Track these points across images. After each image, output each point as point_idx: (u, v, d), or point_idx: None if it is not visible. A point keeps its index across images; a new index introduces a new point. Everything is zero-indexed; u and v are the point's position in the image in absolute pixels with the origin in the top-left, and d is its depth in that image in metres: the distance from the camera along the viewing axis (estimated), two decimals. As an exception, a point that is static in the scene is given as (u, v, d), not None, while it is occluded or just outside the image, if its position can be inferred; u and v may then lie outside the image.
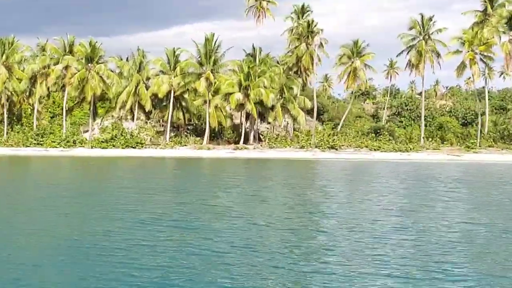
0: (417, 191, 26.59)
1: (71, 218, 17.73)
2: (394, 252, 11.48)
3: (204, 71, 59.25)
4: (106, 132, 63.00)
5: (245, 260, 10.64)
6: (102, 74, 60.71)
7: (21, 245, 12.54)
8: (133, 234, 13.69)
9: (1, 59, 60.41)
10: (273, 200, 22.96)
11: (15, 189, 26.95)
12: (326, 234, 14.56)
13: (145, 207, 19.37)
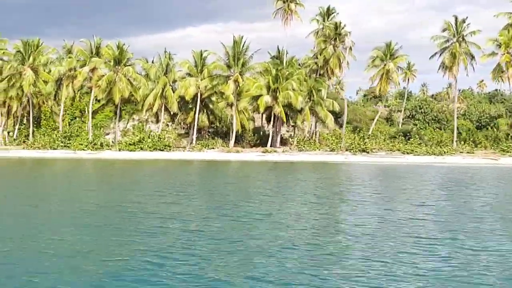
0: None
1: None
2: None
3: (232, 74, 58.97)
4: (132, 135, 63.06)
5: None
6: (129, 76, 60.63)
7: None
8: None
9: (27, 61, 60.45)
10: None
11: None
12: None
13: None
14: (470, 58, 57.72)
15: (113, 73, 59.97)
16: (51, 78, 62.15)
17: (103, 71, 62.05)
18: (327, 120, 60.46)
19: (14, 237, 15.04)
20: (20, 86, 60.22)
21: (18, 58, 60.93)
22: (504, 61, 54.43)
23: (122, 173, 41.51)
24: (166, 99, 60.69)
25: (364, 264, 11.59)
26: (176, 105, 61.07)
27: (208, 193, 27.38)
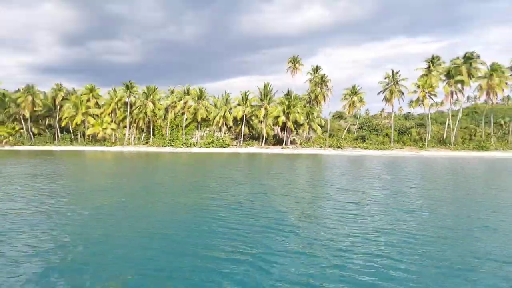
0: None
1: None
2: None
3: (263, 104, 61.79)
4: (206, 138, 66.26)
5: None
6: (206, 106, 64.07)
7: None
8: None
9: (149, 97, 64.27)
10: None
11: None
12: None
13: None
14: (401, 94, 58.72)
15: (197, 104, 63.59)
16: (162, 107, 65.94)
17: (190, 103, 65.65)
18: (317, 130, 62.61)
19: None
20: (145, 111, 64.10)
21: (144, 96, 64.68)
22: (422, 96, 55.58)
23: (209, 158, 41.76)
24: (226, 119, 63.81)
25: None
26: (231, 122, 64.20)
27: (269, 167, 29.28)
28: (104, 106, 65.92)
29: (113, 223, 9.84)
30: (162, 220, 10.20)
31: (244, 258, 6.96)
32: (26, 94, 62.14)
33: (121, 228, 9.36)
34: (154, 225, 9.63)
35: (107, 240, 8.22)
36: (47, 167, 26.79)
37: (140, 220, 10.16)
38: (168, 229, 9.16)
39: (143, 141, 67.51)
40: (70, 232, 8.92)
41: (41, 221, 9.96)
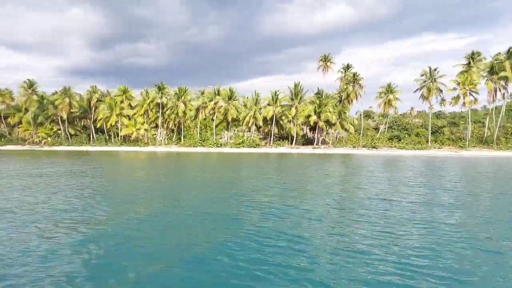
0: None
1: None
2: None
3: (294, 104, 61.59)
4: (235, 138, 66.82)
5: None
6: (236, 106, 64.59)
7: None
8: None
9: (181, 98, 65.53)
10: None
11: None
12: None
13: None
14: (439, 91, 56.89)
15: (227, 105, 64.23)
16: (193, 107, 67.08)
17: (221, 104, 66.41)
18: (350, 129, 61.81)
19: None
20: (176, 112, 65.47)
21: (175, 97, 66.02)
22: (462, 93, 53.64)
23: (242, 158, 41.79)
24: (255, 119, 64.08)
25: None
26: (261, 121, 64.42)
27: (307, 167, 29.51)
28: (136, 107, 67.76)
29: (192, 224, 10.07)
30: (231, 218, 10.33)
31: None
32: (64, 96, 64.84)
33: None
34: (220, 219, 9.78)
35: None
36: (98, 165, 27.86)
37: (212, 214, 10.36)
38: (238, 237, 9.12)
39: (174, 141, 68.93)
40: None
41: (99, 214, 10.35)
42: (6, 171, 23.03)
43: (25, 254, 7.03)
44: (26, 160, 34.71)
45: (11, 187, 15.97)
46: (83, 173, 21.91)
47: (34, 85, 64.82)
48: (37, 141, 65.63)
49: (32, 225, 9.17)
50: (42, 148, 63.42)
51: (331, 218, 10.18)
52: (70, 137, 67.69)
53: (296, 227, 9.11)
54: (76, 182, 17.83)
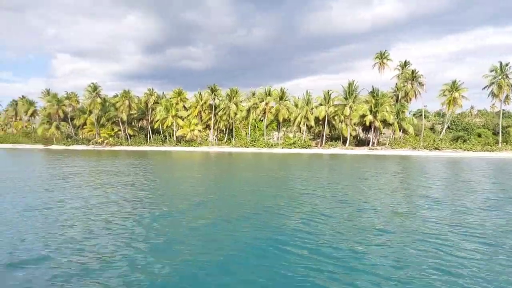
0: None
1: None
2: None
3: (348, 103, 60.28)
4: (286, 139, 66.90)
5: None
6: (287, 107, 64.65)
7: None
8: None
9: (232, 99, 66.96)
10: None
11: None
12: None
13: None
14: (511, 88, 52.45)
15: (278, 105, 64.53)
16: (244, 108, 68.28)
17: (272, 104, 66.86)
18: (409, 129, 59.23)
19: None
20: (228, 113, 67.01)
21: (227, 98, 67.53)
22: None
23: (296, 158, 41.69)
24: (307, 119, 63.66)
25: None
26: (313, 122, 63.85)
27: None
28: (190, 109, 70.36)
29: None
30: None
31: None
32: (124, 98, 69.19)
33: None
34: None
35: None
36: (165, 165, 29.43)
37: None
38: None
39: (225, 141, 70.64)
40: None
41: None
42: (93, 169, 25.15)
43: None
44: (99, 159, 37.61)
45: (104, 183, 17.44)
46: (160, 171, 23.25)
47: (97, 89, 69.90)
48: (100, 141, 70.66)
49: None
50: (104, 148, 68.22)
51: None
52: (129, 138, 72.08)
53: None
54: (155, 178, 19.04)
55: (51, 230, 9.14)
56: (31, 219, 10.13)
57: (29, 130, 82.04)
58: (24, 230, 9.04)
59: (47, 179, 19.31)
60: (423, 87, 60.87)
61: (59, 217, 10.53)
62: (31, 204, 12.32)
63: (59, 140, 73.82)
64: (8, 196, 13.89)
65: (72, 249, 7.67)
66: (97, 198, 13.63)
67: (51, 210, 11.42)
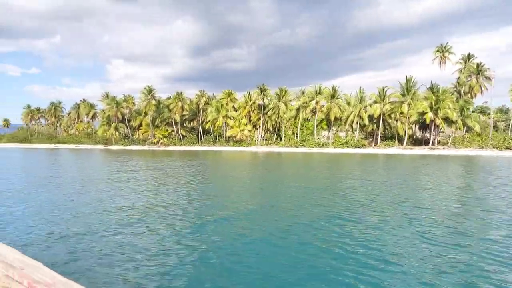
0: None
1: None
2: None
3: (406, 100, 57.59)
4: (334, 138, 65.45)
5: None
6: (339, 105, 63.22)
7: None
8: None
9: (282, 99, 66.86)
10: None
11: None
12: None
13: None
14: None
15: (330, 103, 63.34)
16: (293, 108, 67.86)
17: (322, 103, 65.79)
18: (476, 127, 55.20)
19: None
20: (277, 113, 67.06)
21: (277, 98, 67.53)
22: None
23: (352, 158, 41.19)
24: (360, 117, 61.74)
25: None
26: (367, 120, 61.76)
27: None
28: (239, 109, 71.44)
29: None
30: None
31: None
32: (177, 100, 72.02)
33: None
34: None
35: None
36: (223, 164, 30.09)
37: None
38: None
39: (273, 141, 70.75)
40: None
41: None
42: (165, 166, 26.42)
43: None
44: (160, 159, 39.50)
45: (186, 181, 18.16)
46: (226, 170, 23.77)
47: (152, 91, 73.51)
48: (155, 142, 74.23)
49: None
50: (159, 148, 71.53)
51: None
52: (182, 138, 74.93)
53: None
54: (221, 175, 19.42)
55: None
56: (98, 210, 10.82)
57: (90, 131, 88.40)
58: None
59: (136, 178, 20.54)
60: (491, 81, 56.42)
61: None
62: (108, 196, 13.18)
63: (117, 140, 78.73)
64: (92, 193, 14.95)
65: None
66: (175, 194, 14.22)
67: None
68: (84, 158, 45.04)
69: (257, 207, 11.99)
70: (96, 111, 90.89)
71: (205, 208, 11.52)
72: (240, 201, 13.22)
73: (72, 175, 22.27)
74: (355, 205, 12.58)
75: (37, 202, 12.91)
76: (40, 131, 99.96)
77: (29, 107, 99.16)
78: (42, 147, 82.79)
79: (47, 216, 10.88)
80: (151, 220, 10.54)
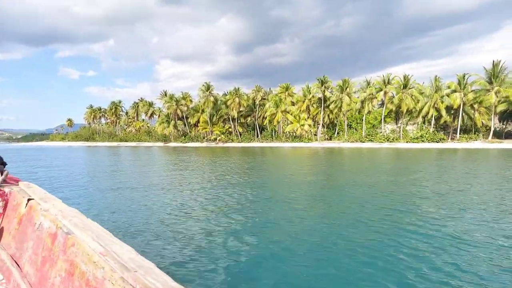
0: None
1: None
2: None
3: (493, 87, 51.57)
4: (408, 132, 61.01)
5: None
6: (413, 95, 58.50)
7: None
8: None
9: (345, 91, 63.66)
10: None
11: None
12: None
13: None
14: None
15: (401, 94, 58.90)
16: (358, 100, 64.18)
17: (391, 93, 61.54)
18: None
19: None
20: (340, 106, 64.02)
21: (339, 90, 64.22)
22: None
23: (443, 155, 37.09)
24: (437, 108, 56.69)
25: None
26: (444, 112, 56.52)
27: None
28: (297, 103, 69.32)
29: None
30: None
31: None
32: (234, 96, 71.71)
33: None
34: None
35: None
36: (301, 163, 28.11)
37: None
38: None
39: (335, 136, 67.85)
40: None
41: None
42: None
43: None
44: (226, 157, 38.62)
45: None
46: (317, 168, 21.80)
47: (210, 88, 73.90)
48: (213, 138, 74.74)
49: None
50: (217, 144, 71.82)
51: None
52: (239, 135, 74.65)
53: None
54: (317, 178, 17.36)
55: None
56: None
57: (150, 129, 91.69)
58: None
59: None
60: None
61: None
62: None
63: (176, 137, 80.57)
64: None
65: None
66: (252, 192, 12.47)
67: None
68: (151, 155, 45.80)
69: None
70: (154, 109, 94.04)
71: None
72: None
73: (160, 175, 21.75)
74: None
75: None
76: (101, 129, 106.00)
77: (92, 107, 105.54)
78: (105, 145, 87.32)
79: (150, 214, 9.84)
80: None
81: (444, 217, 9.23)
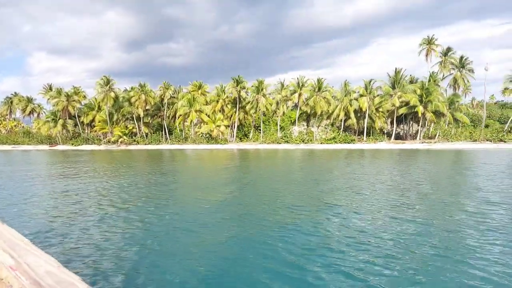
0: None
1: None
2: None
3: (395, 93, 56.29)
4: (322, 134, 62.71)
5: None
6: (327, 98, 60.10)
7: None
8: None
9: (261, 92, 62.15)
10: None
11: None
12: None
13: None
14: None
15: (316, 97, 60.01)
16: (273, 101, 63.37)
17: (305, 95, 62.40)
18: (464, 120, 55.25)
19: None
20: (256, 107, 62.31)
21: (255, 90, 62.47)
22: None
23: (351, 154, 38.98)
24: (346, 111, 59.37)
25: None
26: (352, 114, 59.42)
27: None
28: (211, 103, 65.22)
29: None
30: None
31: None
32: (140, 93, 63.64)
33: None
34: None
35: None
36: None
37: None
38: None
39: (251, 138, 65.88)
40: None
41: None
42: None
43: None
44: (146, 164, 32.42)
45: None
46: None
47: (110, 82, 64.13)
48: (113, 141, 65.01)
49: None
50: (119, 147, 62.60)
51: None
52: (145, 136, 66.64)
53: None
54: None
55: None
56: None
57: (30, 129, 75.67)
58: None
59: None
60: (474, 74, 57.34)
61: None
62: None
63: (65, 139, 67.87)
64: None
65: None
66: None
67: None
68: (45, 159, 35.96)
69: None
70: (33, 105, 78.20)
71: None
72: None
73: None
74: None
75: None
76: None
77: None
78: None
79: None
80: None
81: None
